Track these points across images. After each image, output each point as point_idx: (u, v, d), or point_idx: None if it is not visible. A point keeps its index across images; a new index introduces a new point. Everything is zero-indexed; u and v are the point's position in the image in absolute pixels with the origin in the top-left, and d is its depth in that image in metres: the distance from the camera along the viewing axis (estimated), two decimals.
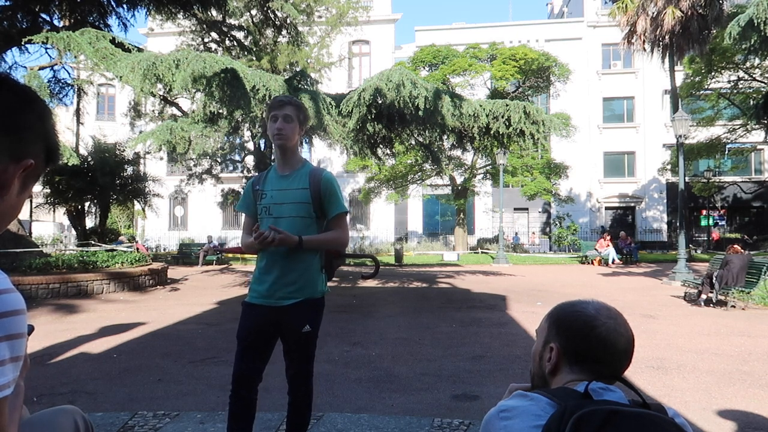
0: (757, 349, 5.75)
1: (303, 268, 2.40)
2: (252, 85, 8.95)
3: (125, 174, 18.73)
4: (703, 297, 8.98)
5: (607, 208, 31.71)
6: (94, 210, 18.82)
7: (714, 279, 8.95)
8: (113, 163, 17.58)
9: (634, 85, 31.25)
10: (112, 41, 9.87)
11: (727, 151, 27.14)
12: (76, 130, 17.57)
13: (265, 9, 14.67)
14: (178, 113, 14.23)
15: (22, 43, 10.30)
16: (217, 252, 20.64)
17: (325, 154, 27.52)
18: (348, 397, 4.07)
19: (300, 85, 10.35)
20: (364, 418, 3.53)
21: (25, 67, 12.63)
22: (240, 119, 10.55)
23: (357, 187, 30.09)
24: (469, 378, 4.57)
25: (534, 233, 30.96)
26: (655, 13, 15.47)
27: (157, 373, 4.69)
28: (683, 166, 14.23)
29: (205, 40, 16.21)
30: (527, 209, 30.97)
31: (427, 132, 10.96)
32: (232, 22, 14.65)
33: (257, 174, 3.17)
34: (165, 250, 27.96)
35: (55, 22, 11.87)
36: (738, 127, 24.67)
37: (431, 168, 22.91)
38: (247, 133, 15.42)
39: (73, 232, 21.04)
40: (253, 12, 15.17)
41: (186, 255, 21.09)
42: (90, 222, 20.05)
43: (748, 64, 22.03)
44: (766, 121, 14.67)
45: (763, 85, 22.44)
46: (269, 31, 15.91)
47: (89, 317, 7.76)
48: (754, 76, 22.86)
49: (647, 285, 12.82)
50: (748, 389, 4.27)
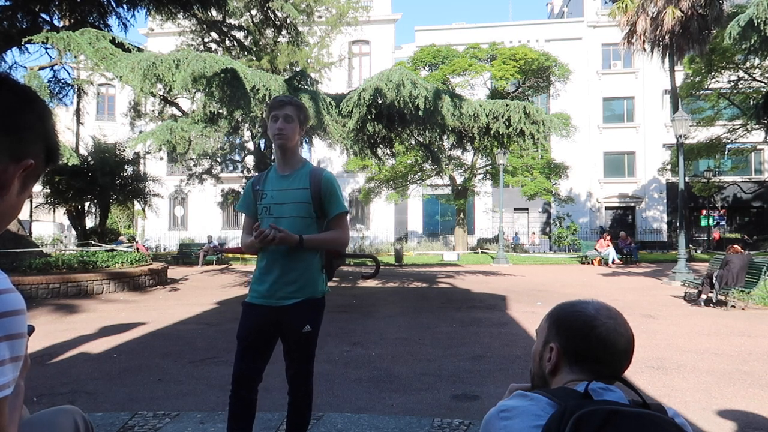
0: (757, 349, 5.75)
1: (303, 268, 2.39)
2: (252, 85, 8.95)
3: (125, 174, 18.74)
4: (703, 297, 8.98)
5: (607, 208, 31.71)
6: (94, 210, 18.82)
7: (714, 279, 8.95)
8: (113, 163, 17.59)
9: (634, 85, 31.25)
10: (112, 41, 9.87)
11: (727, 151, 27.13)
12: (76, 130, 17.58)
13: (265, 9, 14.67)
14: (178, 113, 14.23)
15: (22, 43, 10.30)
16: (217, 252, 20.63)
17: (325, 154, 27.53)
18: (348, 397, 4.07)
19: (300, 85, 10.35)
20: (364, 418, 3.53)
21: (25, 67, 12.64)
22: (240, 119, 10.55)
23: (357, 187, 30.08)
24: (469, 378, 4.57)
25: (534, 233, 30.96)
26: (655, 13, 15.47)
27: (157, 373, 4.70)
28: (683, 166, 14.23)
29: (205, 40, 16.22)
30: (527, 209, 30.97)
31: (427, 132, 10.97)
32: (232, 22, 14.65)
33: (257, 174, 3.17)
34: (165, 250, 27.96)
35: (55, 22, 11.87)
36: (738, 127, 24.67)
37: (431, 168, 22.91)
38: (247, 133, 15.42)
39: (73, 232, 21.04)
40: (253, 12, 15.17)
41: (186, 255, 21.10)
42: (90, 222, 20.05)
43: (748, 64, 22.03)
44: (766, 121, 14.67)
45: (763, 85, 22.44)
46: (269, 31, 15.91)
47: (89, 317, 7.77)
48: (754, 76, 22.86)
49: (647, 285, 12.82)
50: (748, 389, 4.27)
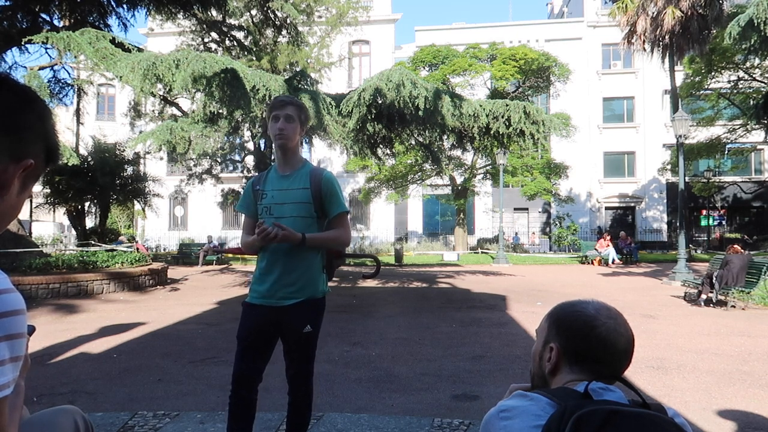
0: (757, 349, 5.75)
1: (305, 268, 2.39)
2: (252, 85, 8.95)
3: (125, 174, 18.74)
4: (703, 297, 8.98)
5: (607, 208, 31.71)
6: (94, 210, 18.83)
7: (714, 279, 8.95)
8: (113, 163, 17.59)
9: (634, 85, 31.24)
10: (112, 41, 9.87)
11: (727, 151, 27.12)
12: (76, 130, 17.58)
13: (265, 9, 14.67)
14: (178, 113, 14.23)
15: (22, 43, 10.30)
16: (217, 252, 20.63)
17: (325, 154, 27.53)
18: (348, 397, 4.07)
19: (300, 85, 10.35)
20: (364, 418, 3.53)
21: (25, 67, 12.65)
22: (240, 119, 10.55)
23: (357, 187, 30.08)
24: (469, 378, 4.56)
25: (534, 233, 30.95)
26: (655, 13, 15.46)
27: (157, 373, 4.69)
28: (683, 166, 14.23)
29: (205, 40, 16.22)
30: (527, 209, 30.97)
31: (427, 132, 10.97)
32: (232, 22, 14.65)
33: (257, 174, 3.17)
34: (165, 250, 27.96)
35: (55, 22, 11.87)
36: (738, 127, 24.66)
37: (431, 168, 22.90)
38: (247, 133, 15.43)
39: (73, 232, 21.04)
40: (253, 12, 15.17)
41: (186, 255, 21.10)
42: (90, 222, 20.05)
43: (748, 64, 22.02)
44: (766, 121, 14.67)
45: (763, 85, 22.43)
46: (269, 31, 15.91)
47: (89, 317, 7.77)
48: (754, 76, 22.86)
49: (647, 285, 12.82)
50: (748, 389, 4.27)
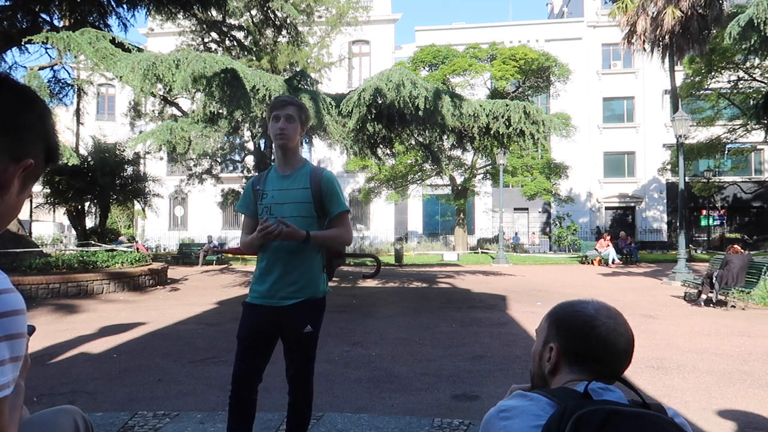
0: (757, 349, 5.75)
1: (305, 268, 2.39)
2: (252, 85, 8.95)
3: (125, 174, 18.74)
4: (703, 297, 8.98)
5: (607, 208, 31.71)
6: (94, 210, 18.83)
7: (714, 279, 8.95)
8: (113, 163, 17.59)
9: (634, 85, 31.24)
10: (112, 41, 9.87)
11: (727, 151, 27.12)
12: (76, 130, 17.58)
13: (265, 9, 14.67)
14: (178, 113, 14.23)
15: (22, 43, 10.30)
16: (217, 252, 20.63)
17: (325, 154, 27.52)
18: (348, 397, 4.07)
19: (300, 85, 10.35)
20: (364, 418, 3.53)
21: (25, 67, 12.65)
22: (240, 119, 10.55)
23: (357, 187, 30.08)
24: (469, 378, 4.56)
25: (534, 233, 30.95)
26: (655, 13, 15.46)
27: (157, 373, 4.69)
28: (683, 166, 14.23)
29: (205, 40, 16.22)
30: (527, 209, 30.97)
31: (427, 132, 10.96)
32: (232, 22, 14.65)
33: (257, 174, 3.17)
34: (165, 250, 27.96)
35: (55, 22, 11.87)
36: (738, 127, 24.66)
37: (431, 168, 22.91)
38: (247, 133, 15.42)
39: (73, 232, 21.04)
40: (253, 12, 15.17)
41: (186, 255, 21.10)
42: (90, 222, 20.05)
43: (748, 64, 22.02)
44: (766, 121, 14.67)
45: (763, 85, 22.43)
46: (269, 31, 15.91)
47: (89, 317, 7.76)
48: (754, 76, 22.85)
49: (647, 285, 12.82)
50: (748, 389, 4.27)
